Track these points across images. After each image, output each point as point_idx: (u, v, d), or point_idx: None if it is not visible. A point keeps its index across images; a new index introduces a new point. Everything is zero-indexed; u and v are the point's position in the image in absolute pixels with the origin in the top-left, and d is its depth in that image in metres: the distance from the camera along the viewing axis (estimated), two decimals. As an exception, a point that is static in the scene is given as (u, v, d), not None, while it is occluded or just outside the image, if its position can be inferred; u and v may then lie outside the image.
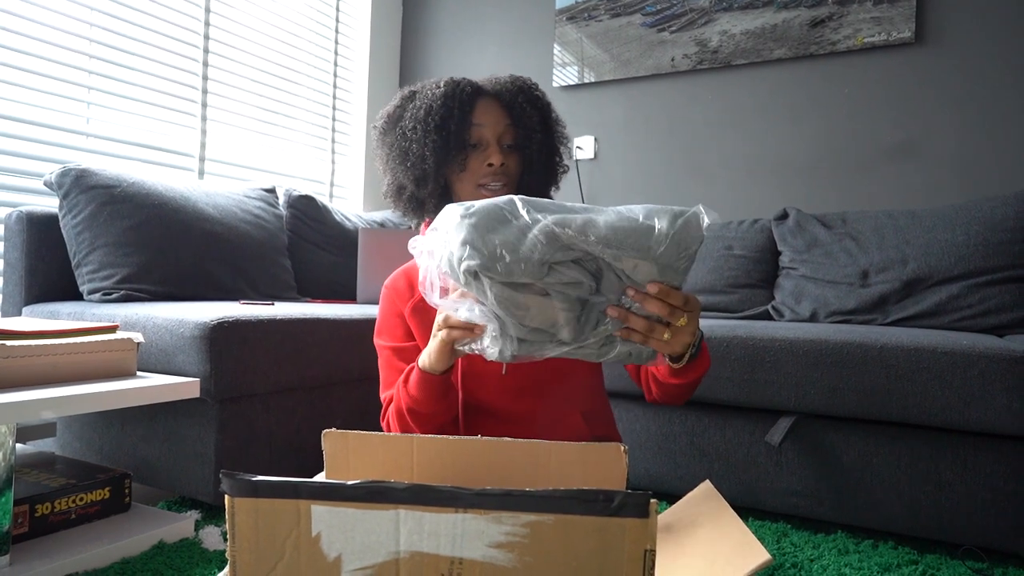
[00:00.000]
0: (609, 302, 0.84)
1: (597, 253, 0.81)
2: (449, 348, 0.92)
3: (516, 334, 0.84)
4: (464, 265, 0.80)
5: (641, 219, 0.80)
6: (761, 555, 0.64)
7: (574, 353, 0.86)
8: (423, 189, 1.14)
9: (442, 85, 1.12)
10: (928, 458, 1.41)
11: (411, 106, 1.13)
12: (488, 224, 0.81)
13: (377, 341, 1.17)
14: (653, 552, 0.59)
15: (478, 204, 0.83)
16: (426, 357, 0.98)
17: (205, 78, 2.48)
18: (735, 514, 0.78)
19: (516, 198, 0.83)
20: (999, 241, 1.81)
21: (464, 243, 0.80)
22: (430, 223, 1.21)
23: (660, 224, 0.80)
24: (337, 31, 3.08)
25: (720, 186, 2.57)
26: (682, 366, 0.95)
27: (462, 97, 1.10)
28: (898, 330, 1.60)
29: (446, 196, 1.17)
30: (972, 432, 1.38)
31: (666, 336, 0.84)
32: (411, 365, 1.04)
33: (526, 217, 0.81)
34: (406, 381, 1.04)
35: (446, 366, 0.97)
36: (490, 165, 1.09)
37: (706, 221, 0.80)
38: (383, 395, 1.14)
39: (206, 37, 2.48)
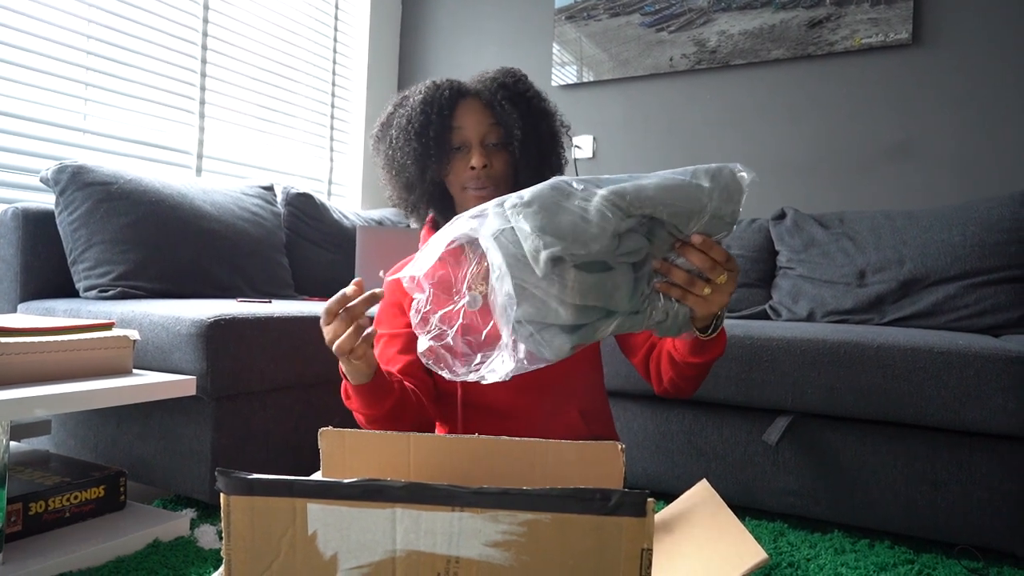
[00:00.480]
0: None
1: (657, 215, 0.80)
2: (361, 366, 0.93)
3: (574, 320, 0.81)
4: (546, 253, 0.76)
5: (689, 178, 0.80)
6: (758, 554, 0.64)
7: (623, 325, 0.84)
8: (412, 194, 1.16)
9: (423, 91, 1.12)
10: (924, 458, 1.42)
11: (398, 114, 1.14)
12: (551, 207, 0.78)
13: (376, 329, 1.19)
14: (650, 551, 0.59)
15: (528, 193, 0.80)
16: (351, 375, 0.97)
17: (203, 75, 2.47)
18: (732, 513, 0.78)
19: (562, 178, 0.82)
20: (995, 242, 1.82)
21: (538, 230, 0.77)
22: (431, 221, 1.22)
23: (704, 181, 0.80)
24: (336, 29, 3.07)
25: (718, 186, 2.57)
26: (707, 338, 0.95)
27: (441, 102, 1.09)
28: (895, 330, 1.60)
29: (440, 199, 1.18)
30: (968, 432, 1.38)
31: (706, 291, 0.83)
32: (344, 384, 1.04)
33: (581, 193, 0.79)
34: (348, 397, 1.04)
35: (368, 378, 0.97)
36: (472, 168, 1.09)
37: (747, 179, 0.80)
38: None
39: (205, 34, 2.47)
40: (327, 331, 0.90)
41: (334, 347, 0.89)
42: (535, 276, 0.78)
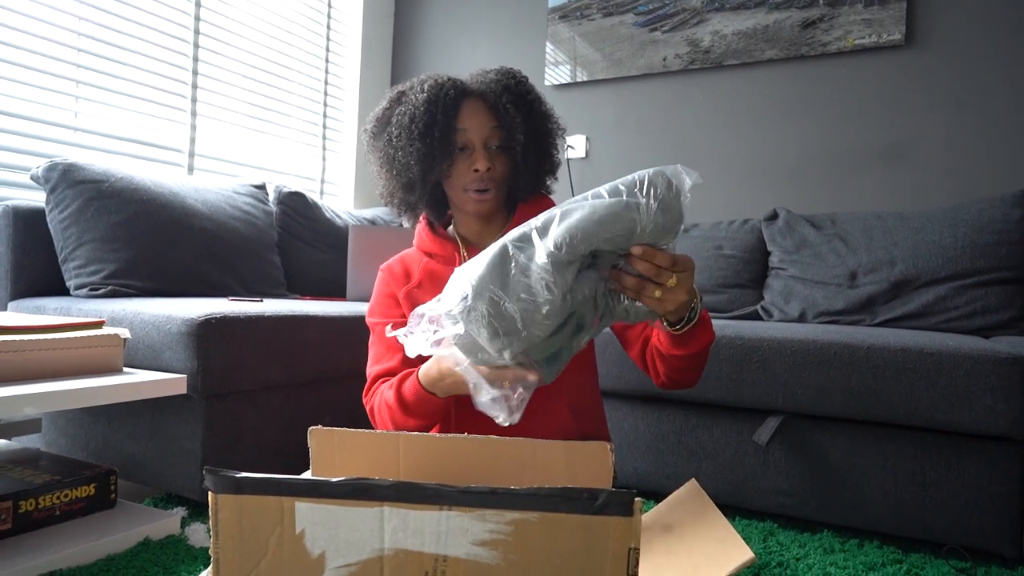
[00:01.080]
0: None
1: (597, 248, 0.82)
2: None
3: (549, 353, 0.86)
4: (508, 353, 0.81)
5: (625, 197, 0.81)
6: (744, 554, 0.64)
7: (593, 332, 0.88)
8: (411, 195, 1.16)
9: (426, 89, 1.10)
10: (913, 458, 1.42)
11: (398, 111, 1.12)
12: (495, 302, 0.80)
13: (370, 320, 1.20)
14: (637, 550, 0.59)
15: (469, 287, 0.81)
16: (447, 385, 0.98)
17: (195, 73, 2.46)
18: (720, 513, 0.78)
19: (500, 245, 0.83)
20: (986, 243, 1.83)
21: (491, 337, 0.80)
22: (425, 219, 1.23)
23: (638, 196, 0.81)
24: (329, 27, 3.06)
25: (711, 186, 2.57)
26: (680, 332, 0.95)
27: (446, 102, 1.08)
28: (885, 331, 1.61)
29: (437, 200, 1.18)
30: (957, 433, 1.39)
31: (657, 294, 0.85)
32: (409, 381, 1.03)
33: (521, 262, 0.81)
34: (405, 406, 1.04)
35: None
36: (476, 171, 1.09)
37: (688, 182, 0.81)
38: (371, 369, 1.15)
39: (196, 32, 2.46)
40: None
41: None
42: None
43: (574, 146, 2.82)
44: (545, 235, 0.81)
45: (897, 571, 1.27)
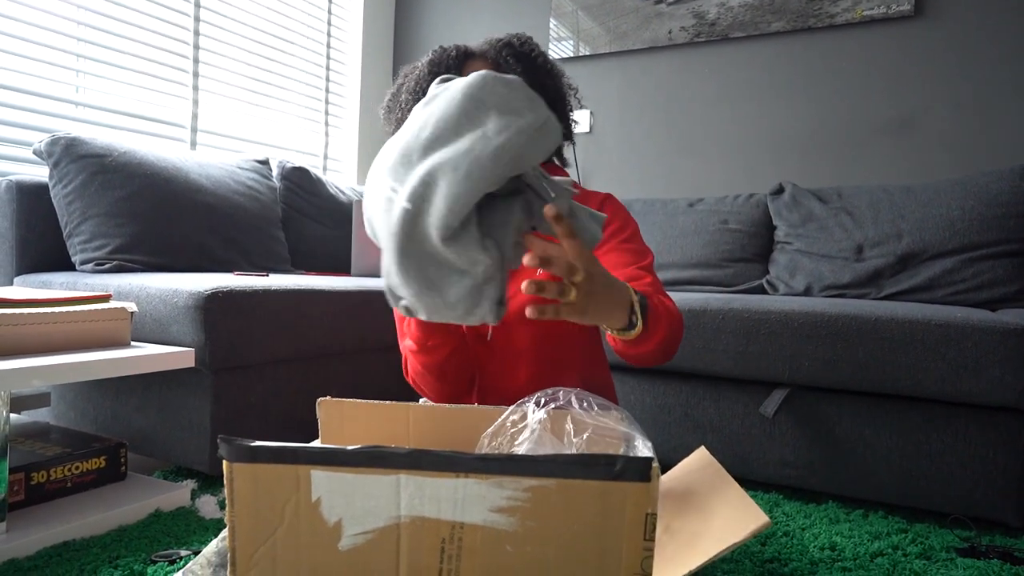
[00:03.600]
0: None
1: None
2: None
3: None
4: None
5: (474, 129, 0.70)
6: (760, 518, 0.64)
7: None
8: None
9: (431, 54, 1.14)
10: (919, 429, 1.43)
11: (407, 81, 1.16)
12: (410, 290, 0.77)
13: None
14: (655, 515, 0.59)
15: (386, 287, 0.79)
16: None
17: (197, 47, 2.44)
18: (732, 479, 0.79)
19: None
20: (993, 216, 1.82)
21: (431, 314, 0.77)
22: None
23: (487, 122, 0.70)
24: (331, 1, 3.02)
25: (716, 160, 2.56)
26: (628, 337, 0.85)
27: (448, 63, 1.11)
28: (892, 303, 1.61)
29: None
30: (964, 404, 1.39)
31: (572, 296, 0.71)
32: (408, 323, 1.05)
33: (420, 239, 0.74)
34: (421, 346, 1.06)
35: None
36: None
37: None
38: (401, 346, 1.17)
39: (198, 5, 2.43)
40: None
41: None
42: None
43: (578, 121, 2.79)
44: (419, 202, 0.71)
45: (902, 540, 1.29)
